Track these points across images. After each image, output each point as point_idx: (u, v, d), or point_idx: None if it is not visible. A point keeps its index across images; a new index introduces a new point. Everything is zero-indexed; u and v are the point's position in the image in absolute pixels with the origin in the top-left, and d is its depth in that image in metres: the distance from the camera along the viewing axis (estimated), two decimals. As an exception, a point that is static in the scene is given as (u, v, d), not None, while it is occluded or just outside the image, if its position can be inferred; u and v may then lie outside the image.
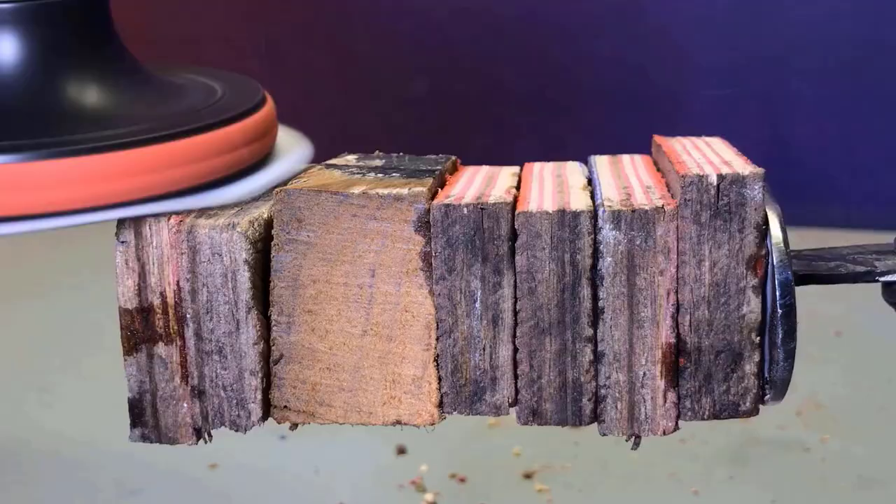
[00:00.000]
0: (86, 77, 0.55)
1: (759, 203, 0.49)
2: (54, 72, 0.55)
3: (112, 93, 0.56)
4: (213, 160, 0.53)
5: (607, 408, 0.51)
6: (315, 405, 0.52)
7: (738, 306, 0.50)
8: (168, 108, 0.56)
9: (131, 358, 0.51)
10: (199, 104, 0.56)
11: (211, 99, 0.57)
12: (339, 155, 0.58)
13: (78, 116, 0.54)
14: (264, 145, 0.57)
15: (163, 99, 0.57)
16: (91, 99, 0.55)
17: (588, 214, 0.49)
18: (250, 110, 0.56)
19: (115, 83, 0.56)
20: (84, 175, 0.49)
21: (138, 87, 0.57)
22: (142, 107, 0.55)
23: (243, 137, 0.54)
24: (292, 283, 0.51)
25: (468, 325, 0.50)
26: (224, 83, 0.60)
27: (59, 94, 0.54)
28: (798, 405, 1.19)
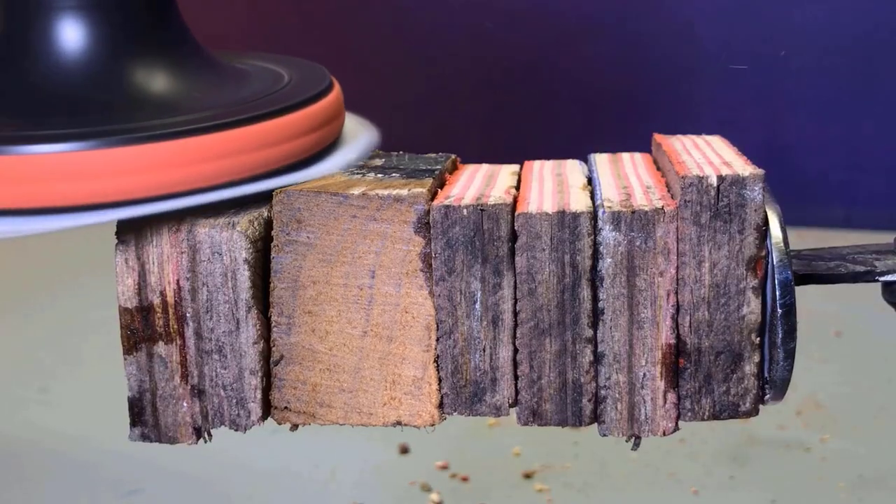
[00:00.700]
0: (152, 63, 0.55)
1: (759, 204, 0.49)
2: (121, 57, 0.54)
3: (178, 79, 0.55)
4: (281, 146, 0.52)
5: (607, 408, 0.51)
6: (315, 406, 0.52)
7: (738, 307, 0.50)
8: (234, 95, 0.55)
9: (131, 357, 0.51)
10: (265, 90, 0.56)
11: (278, 85, 0.57)
12: None
13: (145, 103, 0.53)
14: (332, 131, 0.56)
15: (229, 85, 0.57)
16: (158, 85, 0.54)
17: (588, 215, 0.49)
18: (318, 96, 0.55)
19: (181, 69, 0.55)
20: (151, 162, 0.48)
21: (204, 73, 0.57)
22: (208, 93, 0.55)
23: (311, 123, 0.54)
24: (292, 285, 0.51)
25: (468, 326, 0.50)
26: (291, 69, 0.60)
27: (127, 80, 0.54)
28: (798, 405, 1.19)
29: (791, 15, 1.73)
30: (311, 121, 0.54)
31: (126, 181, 0.48)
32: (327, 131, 0.56)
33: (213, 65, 0.58)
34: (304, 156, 0.54)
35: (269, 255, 0.51)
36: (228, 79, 0.57)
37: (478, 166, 0.58)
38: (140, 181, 0.48)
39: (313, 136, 0.54)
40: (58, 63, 0.53)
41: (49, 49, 0.53)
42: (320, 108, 0.55)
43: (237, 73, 0.59)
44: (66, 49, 0.53)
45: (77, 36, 0.53)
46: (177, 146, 0.49)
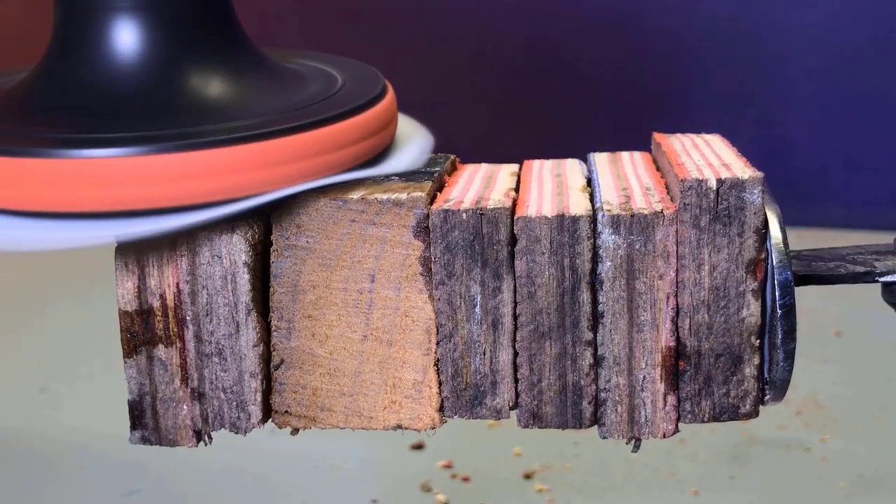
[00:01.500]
0: (209, 65, 0.54)
1: (759, 207, 0.49)
2: (178, 60, 0.53)
3: (234, 82, 0.54)
4: (338, 152, 0.51)
5: (607, 411, 0.51)
6: (316, 410, 0.52)
7: (738, 310, 0.50)
8: (290, 99, 0.54)
9: (131, 360, 0.51)
10: (321, 94, 0.55)
11: (332, 88, 0.56)
12: None
13: (200, 106, 0.52)
14: (387, 136, 0.56)
15: (285, 88, 0.56)
16: (214, 88, 0.53)
17: (587, 219, 0.49)
18: (373, 100, 0.54)
19: (238, 72, 0.55)
20: (207, 169, 0.48)
21: (260, 76, 0.56)
22: (264, 97, 0.54)
23: (367, 128, 0.53)
24: (292, 289, 0.51)
25: (468, 330, 0.50)
26: (344, 71, 0.59)
27: (183, 84, 0.53)
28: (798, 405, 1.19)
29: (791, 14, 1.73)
30: (368, 126, 0.53)
31: (181, 187, 0.48)
32: (383, 136, 0.55)
33: (269, 67, 0.57)
34: (360, 161, 0.53)
35: (268, 259, 0.51)
36: (284, 82, 0.57)
37: (477, 166, 0.58)
38: (195, 187, 0.48)
39: (369, 141, 0.54)
40: (112, 65, 0.52)
41: (104, 50, 0.53)
42: (376, 113, 0.54)
43: (292, 75, 0.58)
44: (122, 51, 0.53)
45: (133, 37, 0.53)
46: (232, 153, 0.48)
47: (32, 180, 0.48)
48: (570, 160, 0.60)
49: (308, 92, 0.55)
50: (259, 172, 0.49)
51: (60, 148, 0.48)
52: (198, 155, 0.48)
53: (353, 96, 0.54)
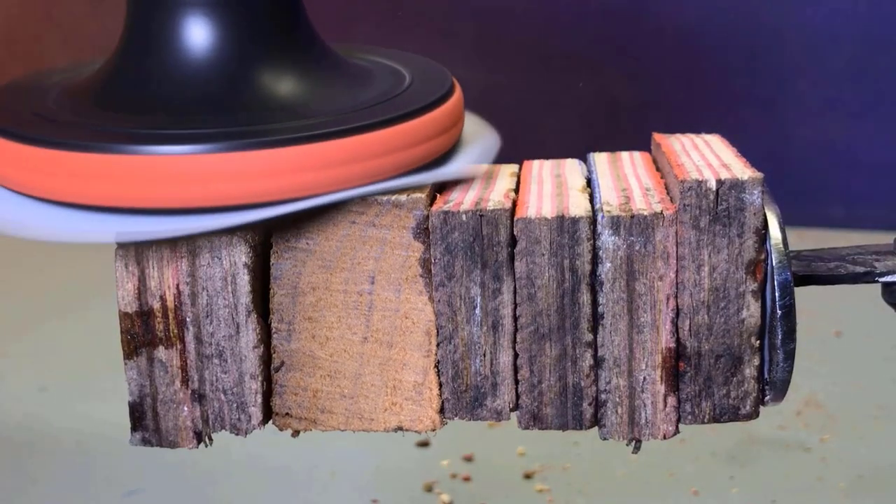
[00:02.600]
0: (280, 63, 0.53)
1: (759, 208, 0.49)
2: (249, 57, 0.53)
3: (304, 80, 0.54)
4: (405, 151, 0.51)
5: (608, 412, 0.51)
6: (316, 412, 0.52)
7: (738, 311, 0.50)
8: (358, 97, 0.54)
9: (131, 362, 0.51)
10: (389, 92, 0.54)
11: (401, 86, 0.55)
12: None
13: (271, 104, 0.52)
14: (454, 135, 0.55)
15: (353, 86, 0.55)
16: (285, 86, 0.53)
17: (587, 220, 0.49)
18: (442, 98, 0.54)
19: (308, 69, 0.54)
20: (276, 167, 0.48)
21: (328, 74, 0.55)
22: (332, 95, 0.54)
23: (435, 128, 0.53)
24: (292, 291, 0.51)
25: (468, 332, 0.50)
26: (411, 68, 0.58)
27: (254, 81, 0.53)
28: (798, 405, 1.19)
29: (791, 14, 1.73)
30: (435, 125, 0.53)
31: (250, 185, 0.48)
32: (450, 135, 0.55)
33: (337, 64, 0.57)
34: (428, 160, 0.53)
35: (268, 260, 0.51)
36: (352, 79, 0.56)
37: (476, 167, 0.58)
38: (261, 186, 0.48)
39: (437, 140, 0.53)
40: (182, 61, 0.52)
41: (174, 46, 0.52)
42: (444, 112, 0.54)
43: (361, 72, 0.57)
44: (192, 47, 0.52)
45: (203, 33, 0.52)
46: (302, 151, 0.48)
47: (100, 175, 0.48)
48: (569, 160, 0.60)
49: (376, 90, 0.55)
50: (326, 172, 0.48)
51: (129, 144, 0.48)
52: (265, 154, 0.47)
53: (420, 95, 0.54)
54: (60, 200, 0.50)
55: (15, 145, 0.50)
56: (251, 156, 0.47)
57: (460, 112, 0.56)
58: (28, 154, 0.50)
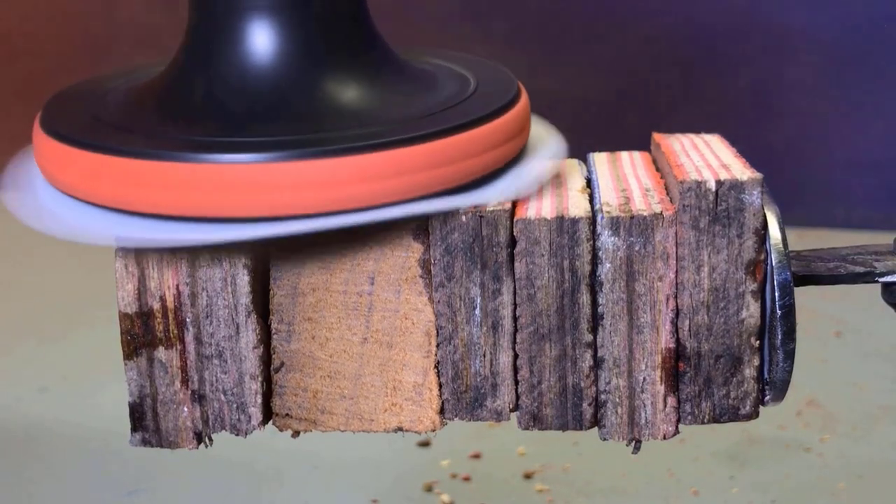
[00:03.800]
0: (345, 69, 0.52)
1: (758, 208, 0.49)
2: (313, 62, 0.52)
3: (369, 86, 0.53)
4: (472, 160, 0.50)
5: (607, 413, 0.51)
6: (316, 413, 0.52)
7: (738, 311, 0.50)
8: (423, 103, 0.52)
9: (131, 362, 0.51)
10: (455, 97, 0.53)
11: (466, 91, 0.54)
12: None
13: (335, 112, 0.51)
14: (521, 141, 0.54)
15: (418, 92, 0.54)
16: (349, 93, 0.52)
17: (587, 221, 0.49)
18: (508, 105, 0.53)
19: (372, 75, 0.53)
20: (344, 176, 0.47)
21: (393, 80, 0.54)
22: (398, 101, 0.53)
23: (501, 135, 0.51)
24: (292, 292, 0.51)
25: (468, 332, 0.50)
26: (475, 71, 0.57)
27: (318, 88, 0.52)
28: (798, 405, 1.19)
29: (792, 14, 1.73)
30: (502, 133, 0.51)
31: (314, 195, 0.47)
32: (517, 142, 0.53)
33: (402, 69, 0.56)
34: (494, 168, 0.52)
35: (268, 261, 0.51)
36: (417, 85, 0.55)
37: None
38: (325, 195, 0.47)
39: (504, 148, 0.52)
40: (246, 67, 0.51)
41: (237, 51, 0.52)
42: (510, 119, 0.52)
43: (425, 77, 0.56)
44: (255, 52, 0.51)
45: (267, 38, 0.51)
46: (367, 160, 0.47)
47: (163, 183, 0.47)
48: (569, 160, 0.60)
49: (441, 96, 0.54)
50: (393, 181, 0.47)
51: (192, 152, 0.47)
52: (329, 162, 0.47)
53: (486, 101, 0.52)
54: (123, 208, 0.49)
55: (75, 151, 0.49)
56: (314, 165, 0.46)
57: (527, 118, 0.55)
58: (90, 160, 0.49)
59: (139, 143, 0.48)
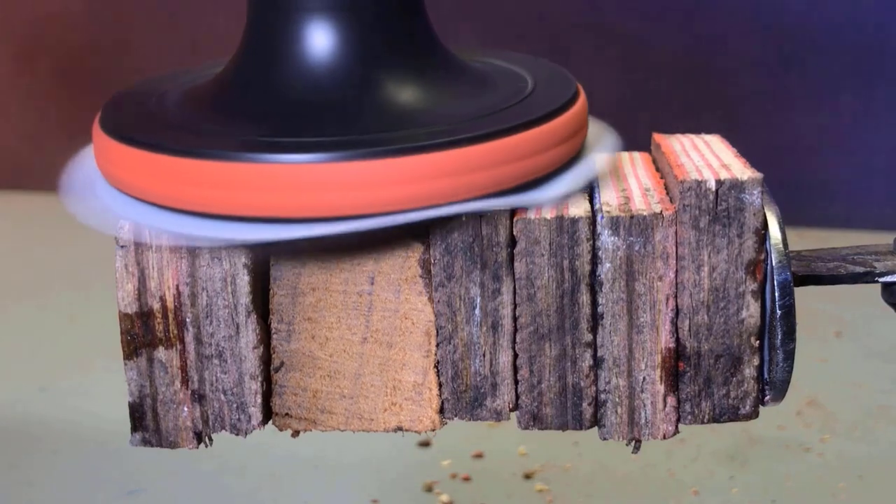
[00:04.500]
0: (401, 68, 0.52)
1: (758, 208, 0.49)
2: (370, 62, 0.52)
3: (426, 85, 0.53)
4: (529, 160, 0.49)
5: (607, 412, 0.51)
6: (316, 412, 0.52)
7: (738, 311, 0.50)
8: (481, 103, 0.52)
9: (131, 362, 0.51)
10: (512, 98, 0.53)
11: (523, 91, 0.54)
12: None
13: (393, 112, 0.51)
14: (579, 141, 0.54)
15: (475, 92, 0.54)
16: (406, 92, 0.52)
17: (586, 220, 0.49)
18: (566, 105, 0.52)
19: (429, 75, 0.53)
20: (403, 176, 0.47)
21: (450, 79, 0.54)
22: (455, 101, 0.52)
23: (559, 135, 0.51)
24: (292, 291, 0.51)
25: (468, 332, 0.50)
26: (533, 71, 0.57)
27: (376, 88, 0.52)
28: (798, 405, 1.19)
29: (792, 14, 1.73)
30: (560, 133, 0.51)
31: (372, 194, 0.47)
32: (574, 142, 0.53)
33: (459, 69, 0.55)
34: (551, 169, 0.51)
35: (268, 261, 0.51)
36: (476, 84, 0.55)
37: None
38: (383, 195, 0.47)
39: (561, 147, 0.52)
40: (304, 67, 0.51)
41: (295, 52, 0.52)
42: (568, 119, 0.52)
43: (482, 77, 0.56)
44: (313, 52, 0.51)
45: (325, 39, 0.52)
46: (425, 160, 0.47)
47: (221, 183, 0.47)
48: None
49: (498, 95, 0.54)
50: (449, 180, 0.47)
51: (251, 152, 0.47)
52: (389, 163, 0.46)
53: (544, 100, 0.52)
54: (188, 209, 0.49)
55: (138, 152, 0.49)
56: (373, 165, 0.46)
57: (585, 118, 0.55)
58: (155, 162, 0.49)
59: (200, 143, 0.48)
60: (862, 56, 1.72)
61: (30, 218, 2.00)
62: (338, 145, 0.47)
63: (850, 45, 1.72)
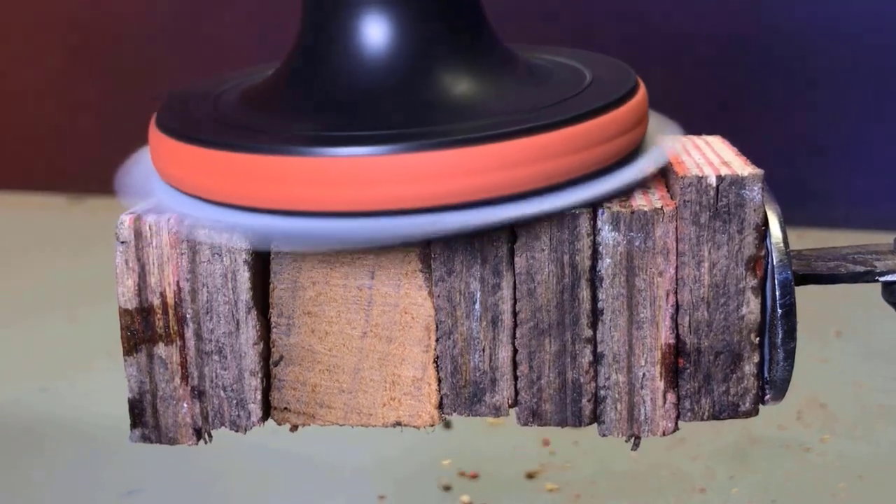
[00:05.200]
0: (459, 61, 0.52)
1: (759, 204, 0.49)
2: (427, 56, 0.52)
3: (484, 78, 0.53)
4: (588, 151, 0.49)
5: (607, 409, 0.51)
6: (315, 407, 0.52)
7: (738, 307, 0.50)
8: (539, 96, 0.52)
9: (131, 358, 0.51)
10: (569, 91, 0.53)
11: (581, 85, 0.54)
12: None
13: (450, 104, 0.51)
14: (636, 136, 0.53)
15: (533, 85, 0.54)
16: (464, 85, 0.52)
17: (587, 216, 0.49)
18: (623, 98, 0.52)
19: (487, 68, 0.53)
20: (463, 168, 0.46)
21: (508, 72, 0.54)
22: (512, 94, 0.53)
23: (619, 126, 0.51)
24: (292, 285, 0.51)
25: (468, 327, 0.50)
26: (593, 66, 0.57)
27: (434, 81, 0.52)
28: (798, 405, 1.19)
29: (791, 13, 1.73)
30: (616, 126, 0.51)
31: (433, 186, 0.47)
32: (634, 134, 0.53)
33: (516, 63, 0.55)
34: (609, 162, 0.51)
35: (268, 256, 0.51)
36: (532, 78, 0.55)
37: None
38: (447, 187, 0.47)
39: (621, 139, 0.51)
40: (361, 61, 0.51)
41: (352, 46, 0.52)
42: (625, 112, 0.52)
43: (540, 71, 0.56)
44: (370, 46, 0.52)
45: (381, 32, 0.52)
46: (483, 152, 0.47)
47: (283, 178, 0.47)
48: None
49: (556, 89, 0.54)
50: (512, 171, 0.47)
51: (309, 146, 0.47)
52: (451, 153, 0.46)
53: (601, 94, 0.52)
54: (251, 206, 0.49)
55: (200, 150, 0.49)
56: (436, 156, 0.46)
57: (644, 111, 0.55)
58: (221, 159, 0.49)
59: (266, 139, 0.48)
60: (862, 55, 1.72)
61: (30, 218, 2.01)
62: (395, 138, 0.47)
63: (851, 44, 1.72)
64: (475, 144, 0.47)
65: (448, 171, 0.46)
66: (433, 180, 0.47)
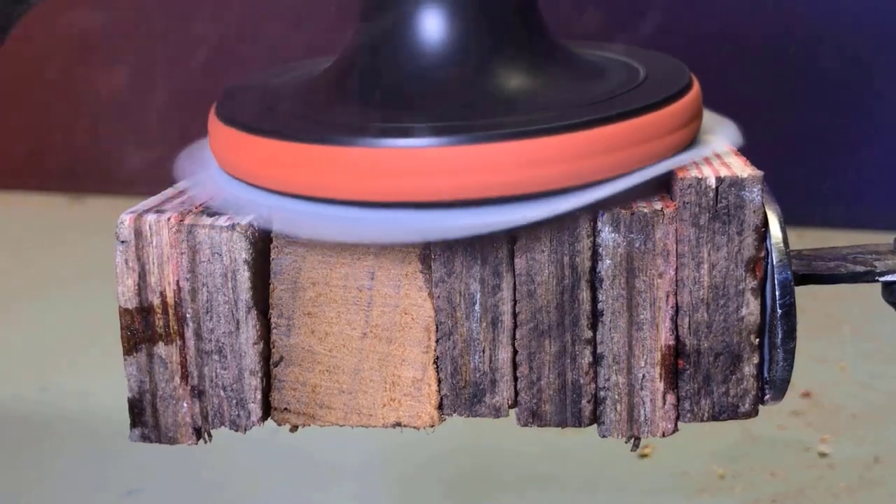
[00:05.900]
0: (516, 56, 0.53)
1: (758, 205, 0.49)
2: (483, 49, 0.52)
3: (539, 72, 0.53)
4: (639, 147, 0.50)
5: (607, 409, 0.51)
6: (315, 407, 0.52)
7: (737, 308, 0.50)
8: (593, 90, 0.53)
9: (131, 358, 0.51)
10: (621, 87, 0.53)
11: (634, 81, 0.54)
12: None
13: (506, 97, 0.52)
14: (689, 132, 0.54)
15: (587, 80, 0.54)
16: (520, 79, 0.53)
17: (587, 217, 0.49)
18: (676, 95, 0.52)
19: (541, 62, 0.53)
20: (517, 160, 0.47)
21: (563, 67, 0.55)
22: (567, 88, 0.53)
23: (675, 121, 0.51)
24: (292, 286, 0.51)
25: (468, 328, 0.50)
26: (646, 63, 0.57)
27: (490, 74, 0.52)
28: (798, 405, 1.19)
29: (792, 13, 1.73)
30: (674, 119, 0.52)
31: (486, 178, 0.47)
32: (688, 130, 0.53)
33: (570, 58, 0.56)
34: (667, 156, 0.51)
35: (268, 256, 0.51)
36: (588, 73, 0.55)
37: None
38: (501, 179, 0.47)
39: (675, 135, 0.52)
40: (419, 53, 0.52)
41: (410, 38, 0.52)
42: (678, 109, 0.52)
43: (593, 67, 0.57)
44: (428, 39, 0.52)
45: (441, 25, 0.52)
46: (536, 144, 0.47)
47: (339, 168, 0.48)
48: None
49: (608, 85, 0.54)
50: (568, 165, 0.48)
51: (368, 137, 0.47)
52: (507, 146, 0.47)
53: (656, 89, 0.53)
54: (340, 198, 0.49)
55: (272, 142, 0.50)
56: (492, 148, 0.47)
57: (698, 107, 0.55)
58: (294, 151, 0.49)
59: (327, 130, 0.49)
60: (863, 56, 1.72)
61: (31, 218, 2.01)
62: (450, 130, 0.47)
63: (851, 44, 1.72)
64: (516, 139, 0.47)
65: (530, 159, 0.47)
66: (509, 169, 0.47)
